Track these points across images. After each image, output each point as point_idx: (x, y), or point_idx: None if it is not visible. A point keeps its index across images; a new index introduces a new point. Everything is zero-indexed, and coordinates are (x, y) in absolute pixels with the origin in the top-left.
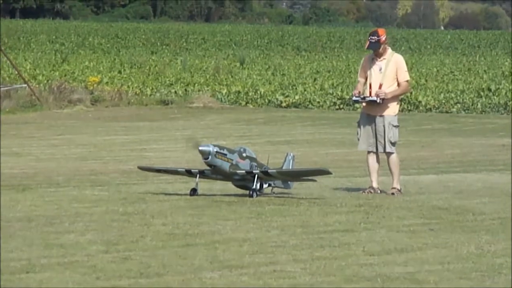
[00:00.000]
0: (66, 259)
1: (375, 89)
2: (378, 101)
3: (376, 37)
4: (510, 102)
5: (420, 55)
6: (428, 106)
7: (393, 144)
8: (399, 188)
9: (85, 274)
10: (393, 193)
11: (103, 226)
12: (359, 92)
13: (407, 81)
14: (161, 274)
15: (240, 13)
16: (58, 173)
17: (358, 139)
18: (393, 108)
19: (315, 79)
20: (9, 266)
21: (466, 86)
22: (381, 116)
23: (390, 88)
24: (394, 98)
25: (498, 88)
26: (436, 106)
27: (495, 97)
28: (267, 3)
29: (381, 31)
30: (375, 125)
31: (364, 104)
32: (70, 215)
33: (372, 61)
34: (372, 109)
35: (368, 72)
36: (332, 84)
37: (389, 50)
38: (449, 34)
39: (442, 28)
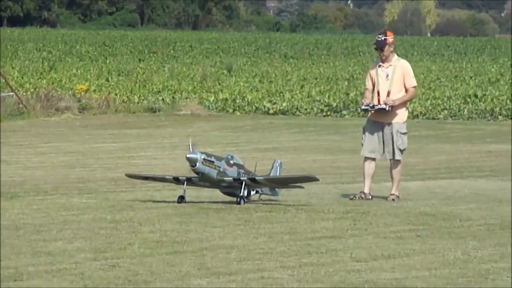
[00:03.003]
0: (54, 266)
1: (383, 96)
2: (387, 109)
3: (383, 36)
4: (497, 109)
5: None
6: (415, 113)
7: (401, 151)
8: (397, 195)
9: (73, 282)
10: (393, 199)
11: (91, 233)
12: (368, 100)
13: (414, 87)
14: (149, 281)
15: (227, 20)
16: (46, 181)
17: (362, 144)
18: (401, 115)
19: (302, 86)
20: None
21: (453, 92)
22: (389, 124)
23: (398, 94)
24: (402, 104)
25: (485, 94)
26: (423, 113)
27: (482, 104)
28: (254, 10)
29: (389, 33)
30: (382, 133)
31: (371, 111)
32: (58, 223)
33: (378, 68)
34: (380, 117)
35: (375, 79)
36: (320, 91)
37: (395, 56)
38: (436, 40)
39: (429, 34)
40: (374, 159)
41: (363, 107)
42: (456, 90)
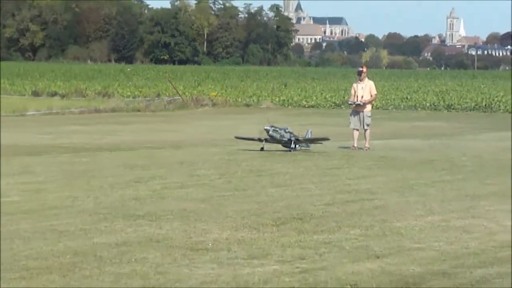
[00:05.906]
0: (195, 182)
1: (359, 98)
2: (361, 104)
3: (361, 68)
4: (417, 104)
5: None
6: (377, 106)
7: (368, 125)
8: (368, 147)
9: (206, 190)
10: (366, 149)
11: (217, 165)
12: (352, 99)
13: (375, 94)
14: (246, 189)
15: (284, 60)
16: (195, 140)
17: (350, 122)
18: (368, 108)
19: (321, 93)
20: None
21: (396, 96)
22: (362, 111)
23: (367, 98)
24: (369, 102)
25: (412, 97)
26: (381, 106)
27: (410, 102)
28: (297, 56)
29: (365, 66)
30: (359, 116)
31: (354, 105)
32: (201, 161)
33: (358, 84)
34: (358, 108)
35: (356, 90)
36: (330, 96)
37: (367, 79)
38: (387, 71)
39: (384, 68)
40: (357, 130)
41: (349, 102)
42: (397, 95)
